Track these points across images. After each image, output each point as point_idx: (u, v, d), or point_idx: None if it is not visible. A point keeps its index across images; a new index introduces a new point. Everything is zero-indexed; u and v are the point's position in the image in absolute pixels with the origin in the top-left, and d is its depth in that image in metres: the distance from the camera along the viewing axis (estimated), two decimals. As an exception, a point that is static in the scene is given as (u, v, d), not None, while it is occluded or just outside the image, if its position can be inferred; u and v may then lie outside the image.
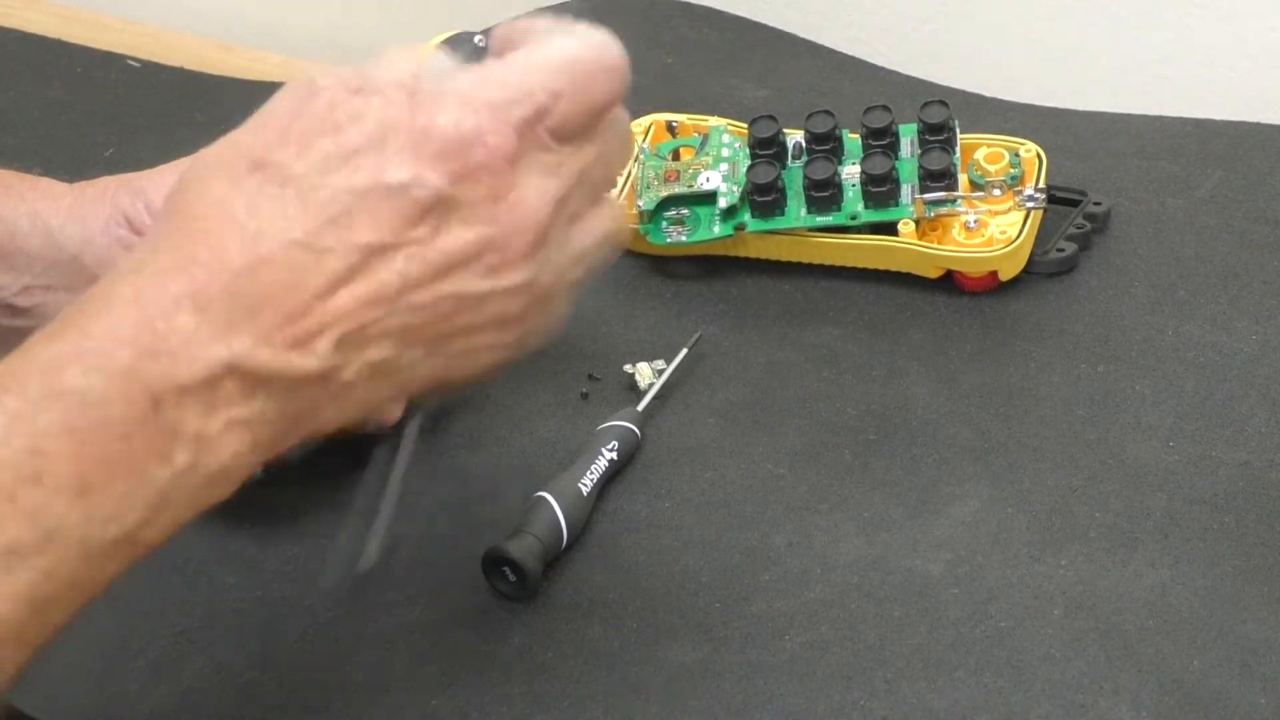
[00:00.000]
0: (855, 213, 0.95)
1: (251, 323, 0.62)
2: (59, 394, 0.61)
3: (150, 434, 0.61)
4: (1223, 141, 1.05)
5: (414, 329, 0.65)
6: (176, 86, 1.20)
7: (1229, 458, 0.85)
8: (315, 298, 0.63)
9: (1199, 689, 0.75)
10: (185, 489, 0.62)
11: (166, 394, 0.61)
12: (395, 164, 0.64)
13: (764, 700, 0.76)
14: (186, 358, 0.62)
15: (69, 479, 0.60)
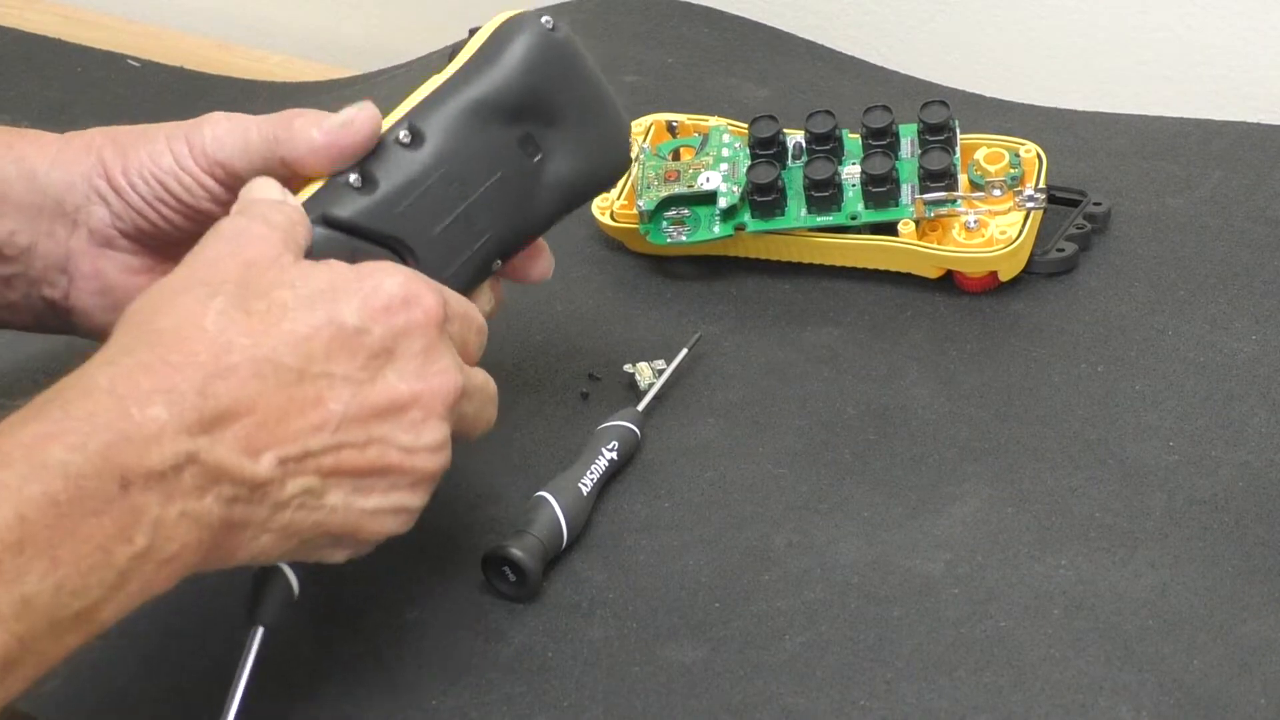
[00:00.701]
0: (855, 213, 0.95)
1: (215, 424, 0.67)
2: (43, 466, 0.64)
3: (118, 513, 0.65)
4: (1223, 141, 1.05)
5: (343, 466, 0.71)
6: (176, 86, 1.20)
7: (1229, 458, 0.85)
8: (270, 414, 0.69)
9: (1199, 689, 0.75)
10: (140, 573, 0.66)
11: (136, 477, 0.65)
12: (349, 310, 0.71)
13: (764, 700, 0.76)
14: (157, 445, 0.66)
15: (45, 549, 0.63)
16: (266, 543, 0.70)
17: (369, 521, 0.72)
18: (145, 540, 0.65)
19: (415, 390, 0.72)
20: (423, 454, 0.72)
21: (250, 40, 1.33)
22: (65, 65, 1.23)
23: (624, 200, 0.99)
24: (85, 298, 0.85)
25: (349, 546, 0.73)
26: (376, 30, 1.39)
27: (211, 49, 1.28)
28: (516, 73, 0.79)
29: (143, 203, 0.85)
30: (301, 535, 0.71)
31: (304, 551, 0.72)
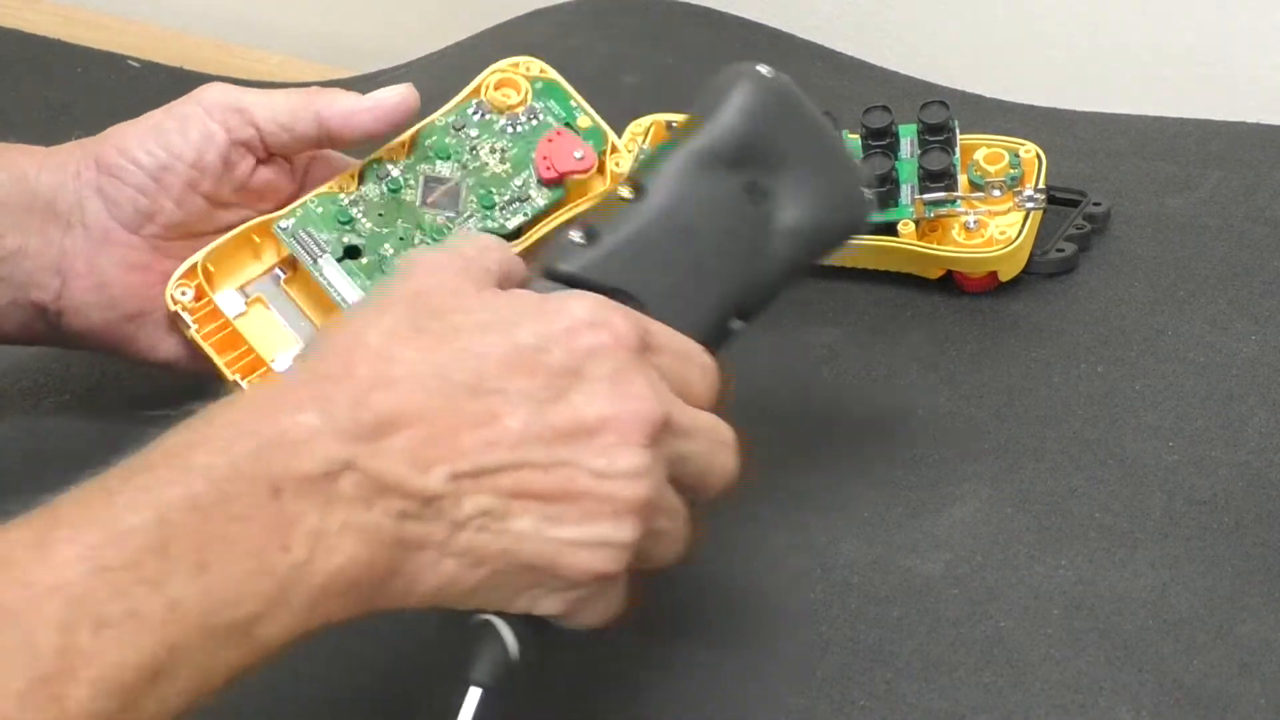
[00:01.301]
0: None
1: (375, 433, 0.63)
2: (185, 470, 0.62)
3: (269, 520, 0.62)
4: (1222, 141, 1.05)
5: (525, 488, 0.65)
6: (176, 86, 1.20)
7: (1229, 458, 0.85)
8: (439, 427, 0.64)
9: (1198, 689, 0.75)
10: (303, 587, 0.62)
11: (286, 483, 0.62)
12: (527, 331, 0.66)
13: (764, 700, 0.76)
14: (308, 451, 0.62)
15: (191, 553, 0.60)
16: (452, 570, 0.65)
17: (567, 554, 0.66)
18: (304, 551, 0.62)
19: (604, 413, 0.66)
20: (618, 480, 0.66)
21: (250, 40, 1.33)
22: (65, 65, 1.23)
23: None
24: (80, 295, 0.85)
25: (555, 588, 0.67)
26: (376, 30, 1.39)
27: (211, 49, 1.28)
28: (736, 119, 0.76)
29: (145, 178, 0.85)
30: (491, 565, 0.65)
31: (503, 590, 0.66)
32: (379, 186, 0.88)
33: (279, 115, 0.86)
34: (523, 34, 1.20)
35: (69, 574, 0.59)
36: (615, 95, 1.11)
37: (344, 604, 0.64)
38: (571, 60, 1.16)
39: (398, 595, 0.65)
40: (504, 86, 0.91)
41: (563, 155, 0.90)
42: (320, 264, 0.86)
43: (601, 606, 0.69)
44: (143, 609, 0.59)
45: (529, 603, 0.67)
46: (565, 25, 1.20)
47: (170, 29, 1.32)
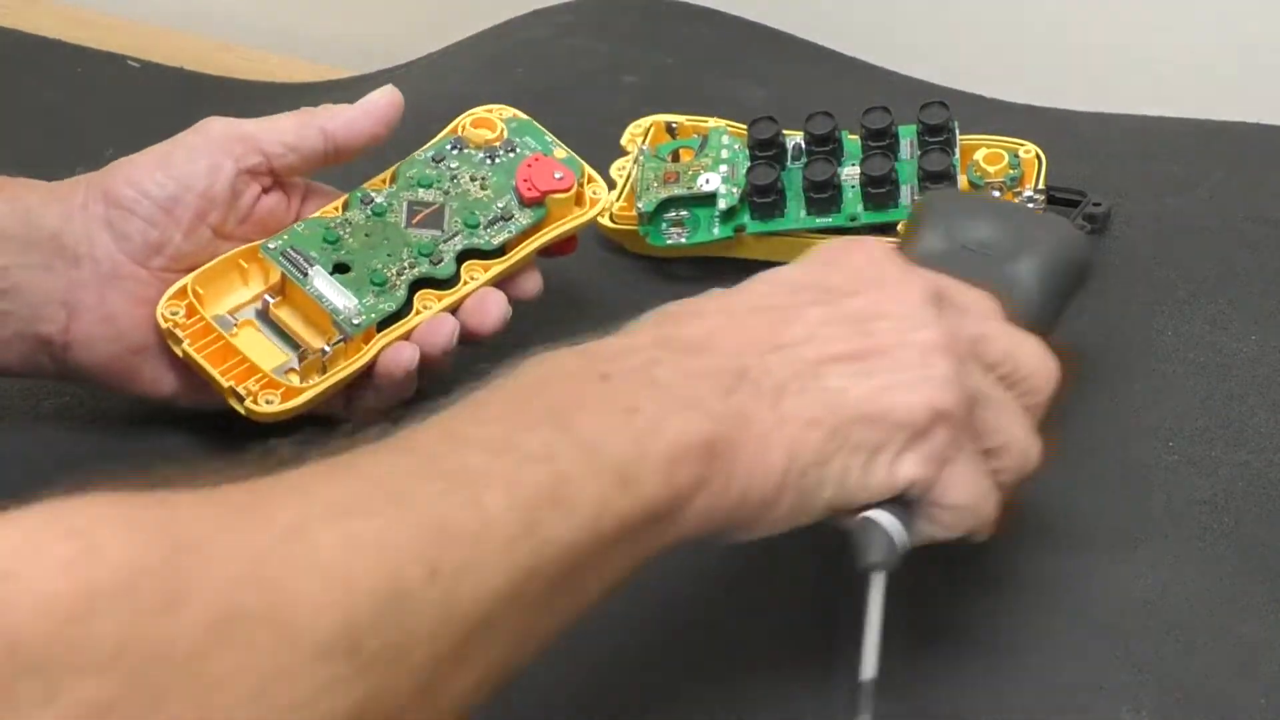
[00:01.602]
0: (855, 214, 0.95)
1: (671, 341, 0.69)
2: (514, 378, 0.67)
3: (608, 392, 0.67)
4: (1222, 142, 1.05)
5: (829, 352, 0.69)
6: (176, 86, 1.20)
7: (1229, 458, 0.85)
8: (741, 332, 0.70)
9: (1198, 689, 0.75)
10: (658, 444, 0.65)
11: (613, 370, 0.68)
12: (786, 269, 0.74)
13: (764, 700, 0.76)
14: (625, 354, 0.69)
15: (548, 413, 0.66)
16: (790, 435, 0.68)
17: (890, 395, 0.69)
18: (650, 411, 0.66)
19: (875, 294, 0.71)
20: (910, 329, 0.70)
21: (250, 40, 1.33)
22: (65, 65, 1.22)
23: (623, 202, 0.99)
24: (87, 328, 0.86)
25: (903, 442, 0.69)
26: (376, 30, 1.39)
27: (211, 49, 1.28)
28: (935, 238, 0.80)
29: (155, 210, 0.85)
30: (825, 422, 0.68)
31: (854, 454, 0.69)
32: (363, 212, 0.89)
33: (284, 137, 0.87)
34: (523, 34, 1.20)
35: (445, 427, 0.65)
36: (615, 95, 1.11)
37: (706, 476, 0.66)
38: (571, 60, 1.16)
39: (758, 470, 0.67)
40: (481, 126, 0.93)
41: (543, 176, 0.91)
42: (310, 276, 0.87)
43: (968, 481, 0.70)
44: (522, 445, 0.64)
45: (889, 468, 0.69)
46: (565, 25, 1.20)
47: (170, 29, 1.31)
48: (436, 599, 0.59)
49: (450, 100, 0.94)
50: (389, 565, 0.58)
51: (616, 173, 0.99)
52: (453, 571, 0.59)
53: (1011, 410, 0.72)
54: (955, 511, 0.71)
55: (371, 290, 0.87)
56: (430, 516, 0.60)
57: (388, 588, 0.58)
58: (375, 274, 0.88)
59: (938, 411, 0.69)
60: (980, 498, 0.71)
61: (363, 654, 0.57)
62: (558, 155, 0.93)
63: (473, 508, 0.61)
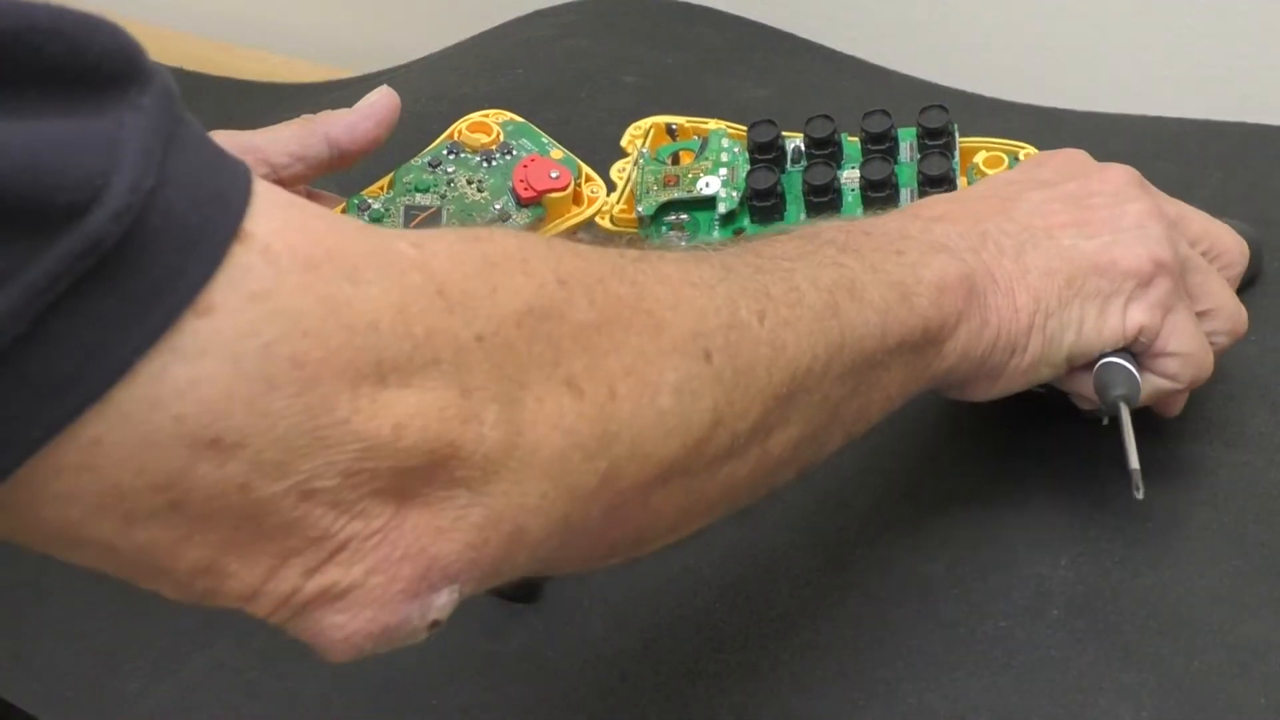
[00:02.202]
0: (855, 217, 0.95)
1: (909, 223, 0.78)
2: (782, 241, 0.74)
3: (870, 245, 0.75)
4: (1223, 142, 1.05)
5: (1055, 221, 0.79)
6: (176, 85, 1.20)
7: (1229, 458, 0.85)
8: (975, 209, 0.79)
9: (1198, 689, 0.75)
10: (924, 279, 0.74)
11: (873, 228, 0.77)
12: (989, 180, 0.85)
13: (764, 700, 0.76)
14: (865, 231, 0.76)
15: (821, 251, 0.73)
16: (1036, 282, 0.77)
17: (1116, 249, 0.78)
18: (913, 254, 0.74)
19: (1084, 181, 0.81)
20: (1122, 203, 0.79)
21: (250, 40, 1.33)
22: (65, 66, 1.22)
23: (623, 204, 0.99)
24: None
25: (1129, 290, 0.78)
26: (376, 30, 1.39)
27: (211, 49, 1.28)
28: None
29: None
30: (1062, 270, 0.77)
31: (1089, 299, 0.78)
32: (361, 218, 0.89)
33: (289, 147, 0.87)
34: (523, 34, 1.20)
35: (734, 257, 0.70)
36: (615, 95, 1.11)
37: (966, 305, 0.75)
38: (571, 60, 1.16)
39: (1008, 312, 0.77)
40: (477, 130, 0.94)
41: (539, 175, 0.92)
42: None
43: (1187, 332, 0.79)
44: (810, 254, 0.72)
45: (1121, 314, 0.78)
46: (565, 25, 1.21)
47: (170, 29, 1.32)
48: (767, 339, 0.66)
49: (450, 101, 0.94)
50: (724, 300, 0.66)
51: (616, 175, 0.99)
52: (778, 323, 0.67)
53: (1216, 277, 0.81)
54: (1180, 359, 0.79)
55: None
56: (755, 282, 0.68)
57: (726, 317, 0.65)
58: None
59: (1158, 262, 0.78)
60: (1200, 347, 0.79)
61: (714, 362, 0.64)
62: (554, 155, 0.93)
63: (786, 283, 0.69)
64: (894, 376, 0.73)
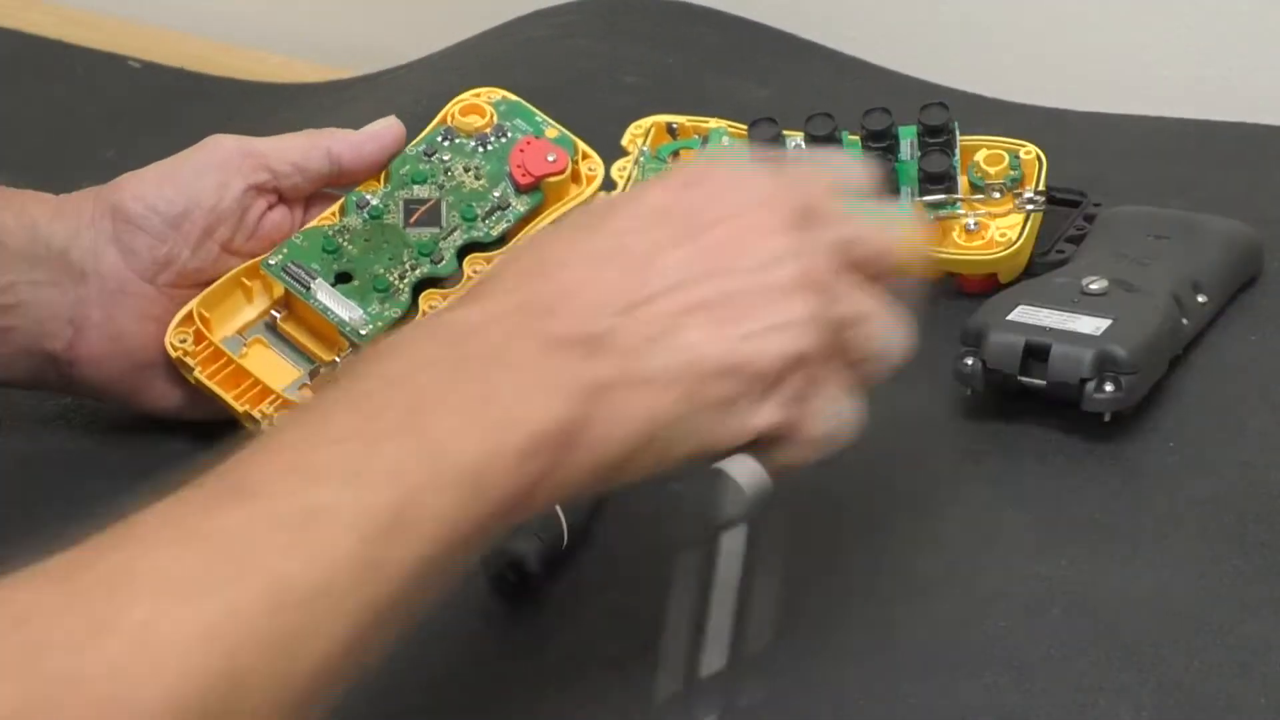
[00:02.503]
0: None
1: (529, 305, 0.68)
2: (368, 368, 0.66)
3: (463, 383, 0.65)
4: (1223, 142, 1.05)
5: (688, 303, 0.68)
6: (176, 86, 1.20)
7: (1229, 458, 0.85)
8: (595, 284, 0.68)
9: (1199, 689, 0.75)
10: (514, 435, 0.64)
11: (470, 351, 0.66)
12: (647, 186, 0.73)
13: (764, 700, 0.76)
14: (483, 327, 0.67)
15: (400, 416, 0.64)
16: (648, 398, 0.67)
17: (750, 345, 0.68)
18: (507, 398, 0.65)
19: (740, 214, 0.69)
20: (768, 269, 0.68)
21: (250, 40, 1.33)
22: (65, 66, 1.23)
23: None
24: (94, 345, 0.86)
25: (760, 391, 0.68)
26: (376, 30, 1.39)
27: (211, 49, 1.28)
28: None
29: (164, 226, 0.85)
30: (683, 381, 0.67)
31: (713, 411, 0.68)
32: (360, 215, 0.89)
33: (292, 156, 0.88)
34: (523, 34, 1.20)
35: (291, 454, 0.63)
36: (615, 95, 1.11)
37: (560, 457, 0.65)
38: (571, 60, 1.16)
39: (612, 449, 0.66)
40: (469, 113, 0.93)
41: (536, 159, 0.91)
42: (313, 290, 0.87)
43: (828, 412, 0.70)
44: (370, 466, 0.62)
45: (745, 419, 0.68)
46: (565, 25, 1.20)
47: (170, 29, 1.31)
48: (274, 672, 0.58)
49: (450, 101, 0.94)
50: (223, 649, 0.57)
51: (617, 173, 0.99)
52: (291, 639, 0.59)
53: (879, 318, 0.71)
54: (817, 443, 0.71)
55: (376, 296, 0.88)
56: (270, 582, 0.59)
57: (220, 674, 0.57)
58: (378, 280, 0.88)
59: (796, 358, 0.68)
60: (841, 424, 0.71)
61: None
62: (549, 135, 0.93)
63: (316, 561, 0.60)
64: (464, 558, 0.65)
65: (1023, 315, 0.87)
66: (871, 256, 0.71)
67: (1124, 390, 0.84)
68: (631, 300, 0.68)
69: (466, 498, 0.63)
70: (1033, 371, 0.86)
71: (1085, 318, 0.86)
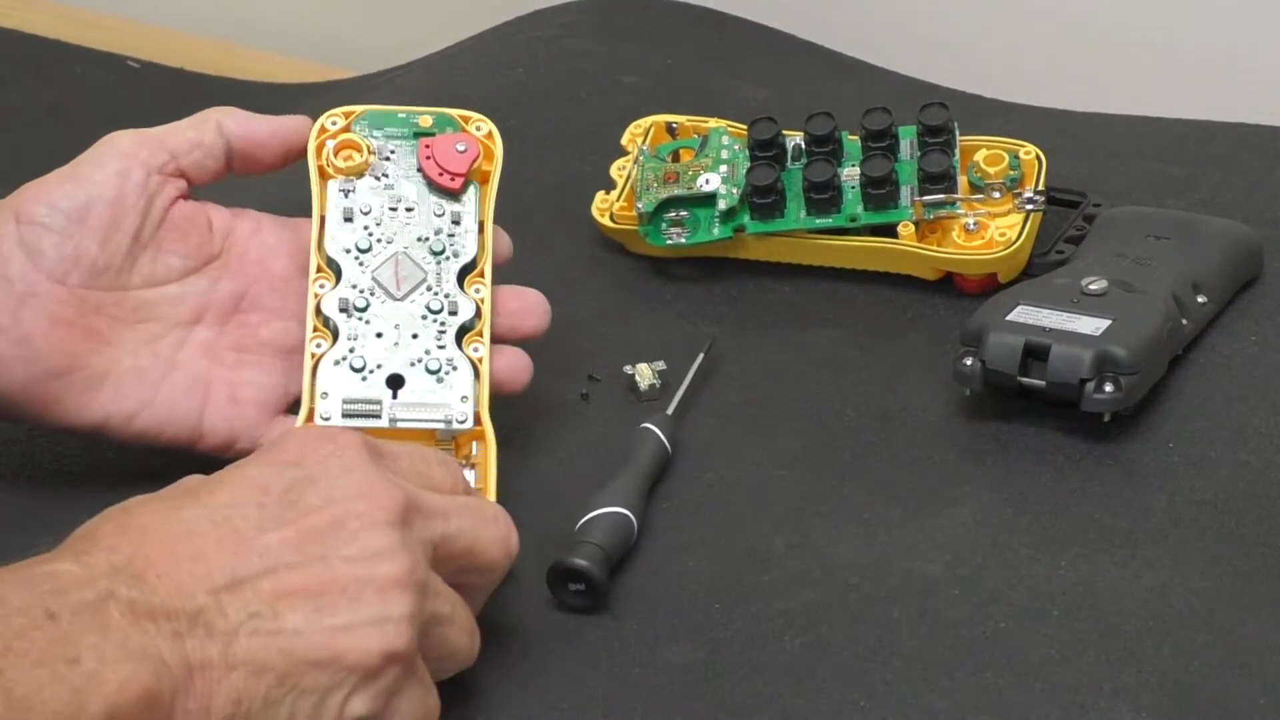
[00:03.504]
0: (855, 214, 0.95)
1: (126, 569, 0.67)
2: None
3: (52, 636, 0.64)
4: (1222, 143, 1.05)
5: (287, 588, 0.68)
6: (176, 86, 1.20)
7: (1228, 458, 0.85)
8: (188, 555, 0.68)
9: (1198, 689, 0.75)
10: (98, 698, 0.64)
11: (61, 608, 0.65)
12: (253, 461, 0.72)
13: (764, 701, 0.76)
14: (73, 585, 0.65)
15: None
16: (239, 683, 0.67)
17: (345, 639, 0.69)
18: (92, 662, 0.64)
19: (343, 505, 0.70)
20: (372, 561, 0.69)
21: (250, 40, 1.33)
22: (65, 66, 1.22)
23: (623, 202, 0.99)
24: (2, 350, 0.84)
25: (352, 684, 0.69)
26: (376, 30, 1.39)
27: (211, 49, 1.28)
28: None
29: (67, 221, 0.84)
30: (275, 669, 0.68)
31: (303, 699, 0.68)
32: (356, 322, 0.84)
33: (185, 132, 0.86)
34: (523, 34, 1.20)
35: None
36: (615, 95, 1.11)
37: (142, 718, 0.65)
38: (571, 60, 1.16)
39: (198, 711, 0.67)
40: (344, 152, 0.86)
41: (448, 157, 0.86)
42: (387, 410, 0.83)
43: (415, 703, 0.71)
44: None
45: (339, 710, 0.69)
46: (565, 25, 1.20)
47: (170, 29, 1.31)
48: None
49: (451, 101, 0.93)
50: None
51: (616, 173, 0.99)
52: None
53: (461, 623, 0.73)
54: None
55: (434, 378, 0.83)
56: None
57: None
58: (429, 363, 0.83)
59: (391, 655, 0.69)
60: (427, 712, 0.72)
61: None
62: (424, 124, 0.87)
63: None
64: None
65: (1022, 315, 0.87)
66: (462, 556, 0.73)
67: (1124, 390, 0.84)
68: (228, 579, 0.68)
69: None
70: (1032, 372, 0.86)
71: (1085, 318, 0.86)
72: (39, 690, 0.63)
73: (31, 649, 0.63)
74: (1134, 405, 0.85)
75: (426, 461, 0.75)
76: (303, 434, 0.73)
